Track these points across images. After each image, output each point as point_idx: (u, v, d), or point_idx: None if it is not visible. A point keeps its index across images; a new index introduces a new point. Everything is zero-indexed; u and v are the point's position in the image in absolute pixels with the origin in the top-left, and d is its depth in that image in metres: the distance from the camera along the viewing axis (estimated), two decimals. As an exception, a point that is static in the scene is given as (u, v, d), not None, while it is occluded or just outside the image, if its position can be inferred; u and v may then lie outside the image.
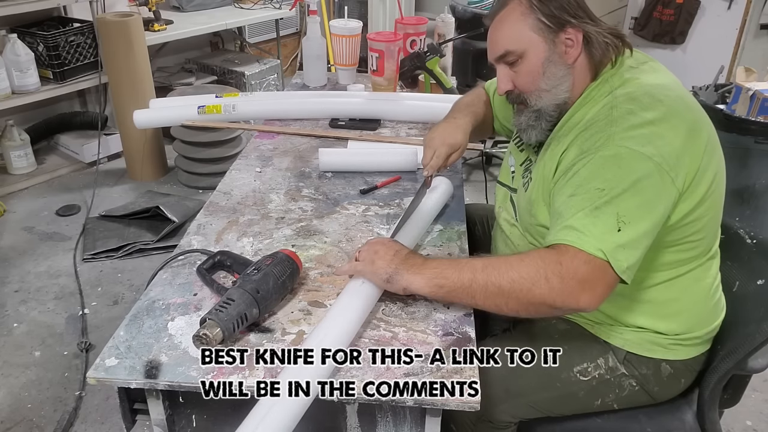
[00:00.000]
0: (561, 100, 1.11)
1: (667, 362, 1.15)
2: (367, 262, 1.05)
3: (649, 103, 1.02)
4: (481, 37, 1.39)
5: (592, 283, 0.94)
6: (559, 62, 1.09)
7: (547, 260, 0.95)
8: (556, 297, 0.94)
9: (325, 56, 2.14)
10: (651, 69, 1.11)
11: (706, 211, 1.05)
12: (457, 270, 1.00)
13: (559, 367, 1.15)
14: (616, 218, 0.95)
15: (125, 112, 2.93)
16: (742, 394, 1.25)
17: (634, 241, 0.95)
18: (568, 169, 1.05)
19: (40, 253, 2.60)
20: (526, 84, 1.12)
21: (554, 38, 1.08)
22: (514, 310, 0.98)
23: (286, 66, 4.57)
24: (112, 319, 2.21)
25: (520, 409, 1.15)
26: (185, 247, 1.23)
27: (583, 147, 1.04)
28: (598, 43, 1.08)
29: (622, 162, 0.97)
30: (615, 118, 1.02)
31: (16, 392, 1.91)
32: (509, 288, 0.96)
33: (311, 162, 1.61)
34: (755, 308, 1.16)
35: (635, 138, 0.98)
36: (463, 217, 1.37)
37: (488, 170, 3.43)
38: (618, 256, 0.94)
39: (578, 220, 0.96)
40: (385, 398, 0.90)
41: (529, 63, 1.10)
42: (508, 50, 1.11)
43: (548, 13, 1.07)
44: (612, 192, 0.96)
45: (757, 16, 3.81)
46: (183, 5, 3.66)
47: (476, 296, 0.98)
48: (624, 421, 1.20)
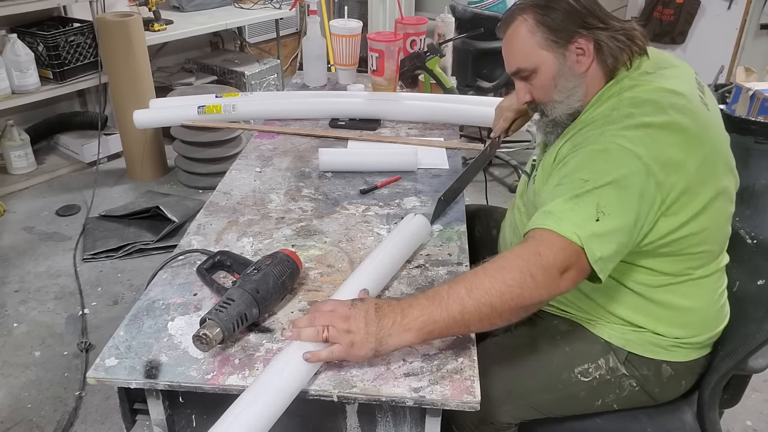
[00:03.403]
0: (574, 110, 1.13)
1: (668, 363, 1.15)
2: (345, 345, 0.91)
3: (652, 109, 1.02)
4: (481, 37, 1.41)
5: (568, 268, 0.94)
6: (569, 74, 1.10)
7: (525, 257, 0.94)
8: (542, 291, 0.93)
9: (325, 56, 2.13)
10: (668, 75, 1.10)
11: (704, 225, 1.04)
12: (443, 307, 0.91)
13: (560, 368, 1.15)
14: (595, 208, 0.95)
15: (125, 112, 2.93)
16: (743, 395, 1.25)
17: (610, 233, 0.95)
18: (559, 162, 1.07)
19: (40, 253, 2.60)
20: (541, 96, 1.15)
21: (564, 51, 1.09)
22: (507, 320, 0.95)
23: (286, 66, 4.57)
24: (112, 319, 2.21)
25: (522, 410, 1.15)
26: (185, 247, 1.23)
27: (575, 141, 1.06)
28: (609, 49, 1.08)
29: (611, 156, 0.98)
30: (613, 119, 1.03)
31: (16, 392, 1.91)
32: (501, 302, 0.92)
33: (311, 162, 1.61)
34: (756, 308, 1.16)
35: (628, 137, 0.99)
36: (463, 217, 1.37)
37: (488, 170, 3.43)
38: (592, 245, 0.93)
39: (557, 205, 0.97)
40: (385, 398, 0.90)
41: (541, 78, 1.12)
42: (520, 68, 1.13)
43: (555, 28, 1.08)
44: (596, 183, 0.96)
45: (757, 16, 3.81)
46: (183, 5, 3.66)
47: (470, 325, 0.94)
48: (624, 421, 1.20)
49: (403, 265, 1.18)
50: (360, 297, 0.98)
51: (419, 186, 1.50)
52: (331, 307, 0.94)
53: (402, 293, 1.12)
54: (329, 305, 0.95)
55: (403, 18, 2.20)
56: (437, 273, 1.18)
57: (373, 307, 0.92)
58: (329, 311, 0.93)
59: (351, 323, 0.91)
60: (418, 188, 1.49)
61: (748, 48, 3.89)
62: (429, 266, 1.20)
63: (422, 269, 1.19)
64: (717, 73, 3.04)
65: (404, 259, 1.18)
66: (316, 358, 0.91)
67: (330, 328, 0.91)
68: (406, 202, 1.43)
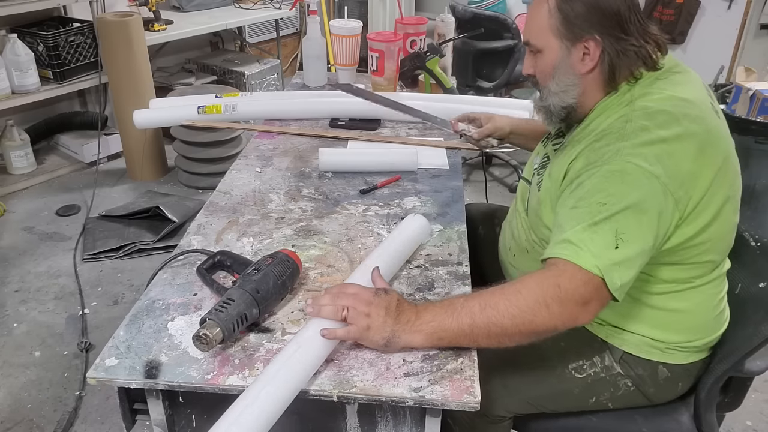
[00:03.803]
0: (567, 104, 1.12)
1: (664, 365, 1.14)
2: (361, 329, 0.94)
3: (665, 121, 0.99)
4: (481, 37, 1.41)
5: (588, 302, 0.94)
6: (569, 71, 1.09)
7: (544, 286, 0.94)
8: (557, 322, 0.94)
9: (325, 56, 2.13)
10: (679, 81, 1.08)
11: (712, 234, 1.04)
12: (455, 317, 0.94)
13: (554, 363, 1.15)
14: (614, 235, 0.93)
15: (125, 112, 2.93)
16: (744, 398, 1.24)
17: (630, 259, 0.94)
18: (573, 180, 1.03)
19: (40, 253, 2.60)
20: (541, 77, 1.14)
21: (570, 46, 1.07)
22: (517, 342, 0.96)
23: (286, 66, 4.57)
24: (112, 319, 2.21)
25: (516, 404, 1.16)
26: (185, 247, 1.23)
27: (590, 158, 1.02)
28: (615, 65, 1.06)
29: (627, 178, 0.96)
30: (627, 133, 0.99)
31: (16, 392, 1.91)
32: (511, 325, 0.93)
33: (311, 162, 1.61)
34: (755, 311, 1.16)
35: (644, 155, 0.96)
36: (463, 217, 1.36)
37: (488, 170, 3.43)
38: (613, 275, 0.93)
39: (576, 234, 0.95)
40: (385, 398, 0.90)
41: (544, 61, 1.11)
42: (530, 42, 1.12)
43: (569, 20, 1.05)
44: (613, 207, 0.94)
45: (757, 16, 3.81)
46: (183, 5, 3.66)
47: (479, 340, 0.95)
48: (620, 421, 1.20)
49: (403, 265, 1.18)
50: (383, 288, 1.01)
51: (419, 186, 1.50)
52: (355, 291, 0.97)
53: (402, 293, 1.12)
54: (354, 288, 0.98)
55: (403, 18, 2.20)
56: (437, 273, 1.18)
57: (395, 301, 0.96)
58: (353, 294, 0.96)
59: (372, 309, 0.94)
60: (418, 188, 1.49)
61: (748, 48, 3.89)
62: (429, 266, 1.20)
63: (422, 269, 1.19)
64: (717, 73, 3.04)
65: (404, 259, 1.18)
66: (332, 335, 0.93)
67: (350, 308, 0.94)
68: (406, 202, 1.43)
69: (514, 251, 1.30)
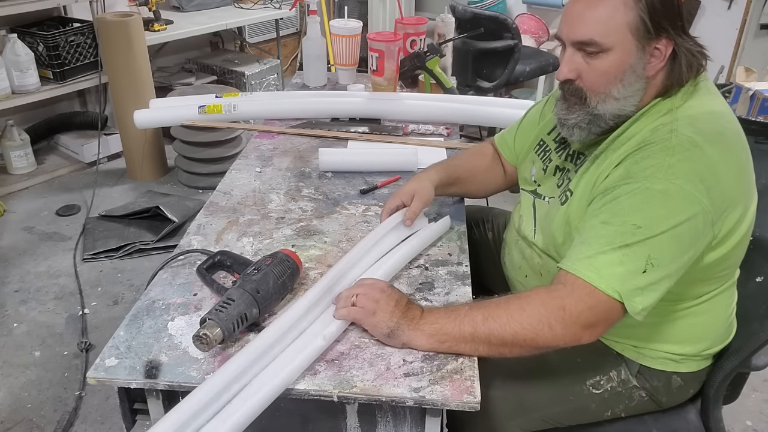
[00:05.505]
0: (625, 113, 1.01)
1: (678, 375, 1.13)
2: (367, 312, 0.97)
3: (712, 136, 0.94)
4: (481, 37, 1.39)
5: (594, 324, 0.93)
6: (641, 73, 0.97)
7: (549, 307, 0.93)
8: (559, 341, 0.94)
9: (325, 56, 2.13)
10: (706, 89, 1.02)
11: (736, 251, 1.03)
12: (458, 324, 0.95)
13: (572, 381, 1.13)
14: (646, 260, 0.90)
15: (125, 112, 2.93)
16: (742, 390, 1.26)
17: (656, 283, 0.92)
18: (609, 190, 0.96)
19: (40, 253, 2.60)
20: (596, 83, 0.99)
21: (645, 45, 0.95)
22: (517, 354, 0.96)
23: (286, 66, 4.57)
24: (112, 319, 2.21)
25: (533, 422, 1.13)
26: (185, 247, 1.23)
27: (631, 170, 0.95)
28: (682, 62, 0.97)
29: (669, 201, 0.90)
30: (673, 146, 0.93)
31: (16, 392, 1.91)
32: (512, 339, 0.93)
33: (311, 162, 1.61)
34: (756, 306, 1.16)
35: (689, 175, 0.91)
36: (463, 218, 1.36)
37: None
38: (635, 299, 0.91)
39: (604, 255, 0.91)
40: (385, 398, 0.90)
41: (611, 63, 0.96)
42: (594, 40, 0.95)
43: (655, 14, 0.93)
44: (649, 232, 0.90)
45: (757, 16, 3.81)
46: (183, 5, 3.66)
47: (479, 348, 0.95)
48: (629, 424, 1.19)
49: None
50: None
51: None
52: (371, 281, 1.03)
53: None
54: (371, 279, 1.04)
55: (403, 18, 2.20)
56: (437, 273, 1.18)
57: (405, 299, 1.00)
58: (368, 284, 1.02)
59: (382, 297, 0.98)
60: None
61: (748, 48, 3.88)
62: (429, 266, 1.20)
63: (422, 269, 1.19)
64: (717, 73, 3.04)
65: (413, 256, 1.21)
66: (339, 314, 0.99)
67: (361, 295, 0.99)
68: (406, 202, 1.42)
69: (526, 272, 1.24)
